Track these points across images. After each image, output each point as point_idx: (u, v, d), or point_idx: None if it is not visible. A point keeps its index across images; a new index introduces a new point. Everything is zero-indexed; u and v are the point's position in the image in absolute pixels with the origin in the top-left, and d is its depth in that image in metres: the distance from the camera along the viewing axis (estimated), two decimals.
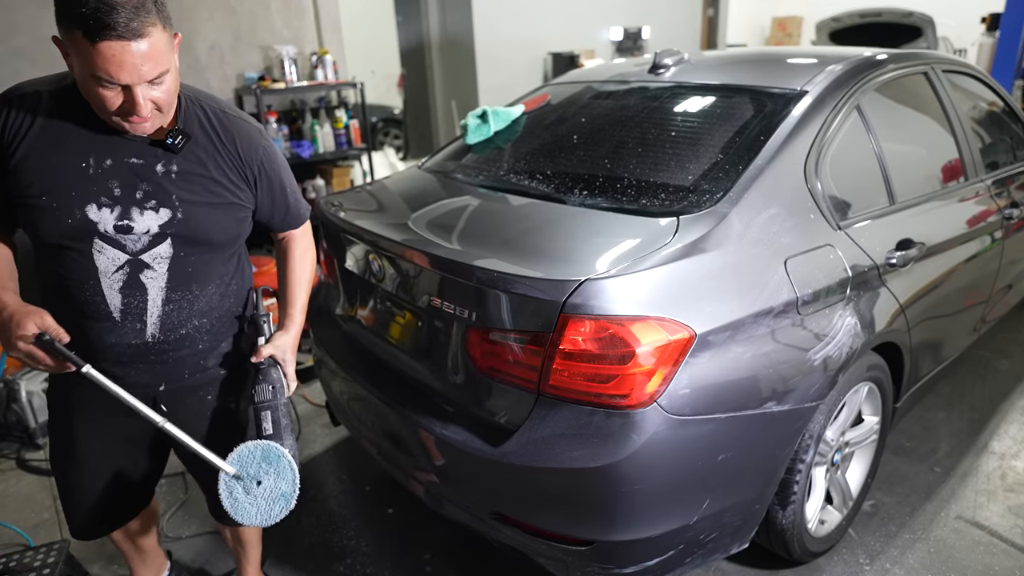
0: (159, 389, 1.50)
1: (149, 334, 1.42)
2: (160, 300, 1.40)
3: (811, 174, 1.84)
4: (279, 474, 1.39)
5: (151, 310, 1.40)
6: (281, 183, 1.54)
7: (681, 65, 2.42)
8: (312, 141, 4.45)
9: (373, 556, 2.20)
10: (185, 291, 1.43)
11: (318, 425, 2.99)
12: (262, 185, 1.49)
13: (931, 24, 7.00)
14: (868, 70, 2.13)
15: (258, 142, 1.47)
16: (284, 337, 1.56)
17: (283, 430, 1.47)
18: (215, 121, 1.41)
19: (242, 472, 1.38)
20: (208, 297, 1.48)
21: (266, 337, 1.55)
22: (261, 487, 1.39)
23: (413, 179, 2.40)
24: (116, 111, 1.20)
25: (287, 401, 1.53)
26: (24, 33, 3.42)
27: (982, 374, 3.16)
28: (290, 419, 1.51)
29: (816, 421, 1.78)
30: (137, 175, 1.32)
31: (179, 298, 1.42)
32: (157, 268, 1.38)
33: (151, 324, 1.41)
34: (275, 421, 1.47)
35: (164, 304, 1.41)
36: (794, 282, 1.66)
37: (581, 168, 2.06)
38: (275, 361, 1.54)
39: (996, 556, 2.08)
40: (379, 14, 8.92)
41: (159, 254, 1.37)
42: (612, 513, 1.51)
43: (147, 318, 1.40)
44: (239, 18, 4.18)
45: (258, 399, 1.48)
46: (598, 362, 1.45)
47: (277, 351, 1.53)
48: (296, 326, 1.60)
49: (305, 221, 1.66)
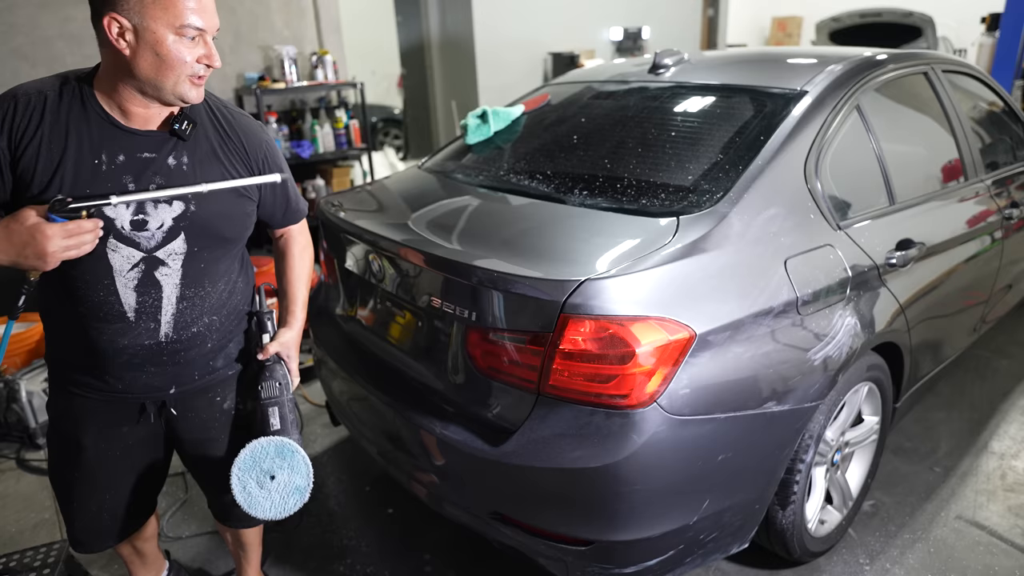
0: (169, 392, 1.49)
1: (163, 334, 1.41)
2: (175, 297, 1.40)
3: (811, 174, 1.84)
4: (293, 468, 1.42)
5: (165, 308, 1.40)
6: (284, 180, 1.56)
7: (681, 65, 2.42)
8: (312, 141, 4.45)
9: (373, 556, 2.20)
10: (199, 287, 1.43)
11: (318, 425, 2.98)
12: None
13: (931, 24, 7.01)
14: (868, 70, 2.13)
15: (261, 137, 1.50)
16: (288, 334, 1.59)
17: (290, 425, 1.49)
18: (219, 114, 1.43)
19: (256, 468, 1.41)
20: (219, 294, 1.48)
21: (271, 334, 1.57)
22: (275, 481, 1.41)
23: (413, 179, 2.41)
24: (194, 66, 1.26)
25: (292, 397, 1.55)
26: (24, 33, 3.42)
27: (982, 374, 3.16)
28: (296, 414, 1.53)
29: (816, 421, 1.78)
30: (149, 169, 1.32)
31: (192, 295, 1.42)
32: (172, 264, 1.38)
33: (164, 323, 1.41)
34: (282, 417, 1.49)
35: (179, 302, 1.41)
36: (794, 282, 1.66)
37: (581, 168, 2.06)
38: (280, 358, 1.56)
39: (996, 556, 2.08)
40: (379, 14, 8.92)
41: (173, 250, 1.37)
42: (612, 513, 1.51)
43: (161, 317, 1.40)
44: (239, 18, 4.18)
45: (265, 395, 1.50)
46: (598, 362, 1.45)
47: (282, 348, 1.56)
48: (299, 322, 1.62)
49: (303, 217, 1.67)
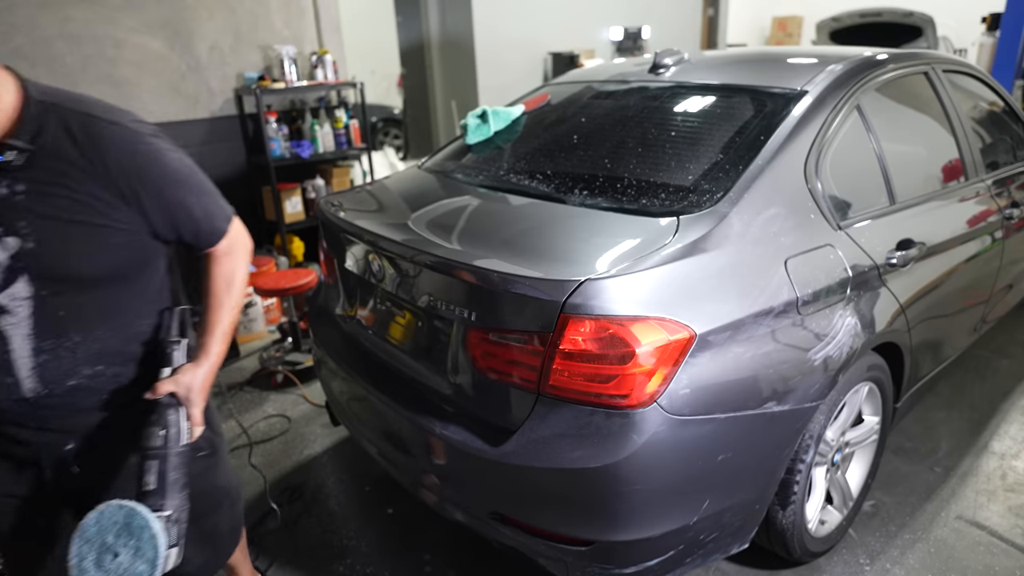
0: (65, 448, 1.30)
1: (27, 389, 1.21)
2: (28, 350, 1.19)
3: (811, 174, 1.83)
4: (138, 551, 1.12)
5: (19, 363, 1.19)
6: (175, 195, 1.27)
7: (681, 65, 2.42)
8: (312, 141, 4.45)
9: (373, 556, 2.20)
10: (61, 339, 1.21)
11: (318, 425, 2.98)
12: (146, 200, 1.23)
13: (931, 24, 7.00)
14: (868, 70, 2.13)
15: (133, 148, 1.22)
16: (193, 371, 1.31)
17: (169, 487, 1.21)
18: (78, 129, 1.18)
19: (99, 540, 1.13)
20: (101, 342, 1.25)
21: (173, 368, 1.31)
22: (116, 562, 1.12)
23: (413, 179, 2.40)
24: None
25: (184, 450, 1.26)
26: (24, 33, 3.42)
27: (982, 374, 3.16)
28: (183, 472, 1.25)
29: (816, 421, 1.78)
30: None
31: (54, 347, 1.20)
32: (17, 312, 1.17)
33: (25, 379, 1.20)
34: (161, 474, 1.21)
35: (36, 355, 1.20)
36: (794, 282, 1.66)
37: (581, 168, 2.06)
38: (177, 400, 1.28)
39: (996, 556, 2.07)
40: (379, 14, 8.92)
41: (15, 295, 1.16)
42: (612, 513, 1.51)
43: (18, 372, 1.20)
44: (239, 18, 4.17)
45: (145, 445, 1.23)
46: (598, 362, 1.45)
47: (179, 387, 1.28)
48: (211, 359, 1.34)
49: (224, 236, 1.37)
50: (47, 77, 3.43)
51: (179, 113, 4.07)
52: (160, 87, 3.96)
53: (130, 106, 4.30)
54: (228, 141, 4.33)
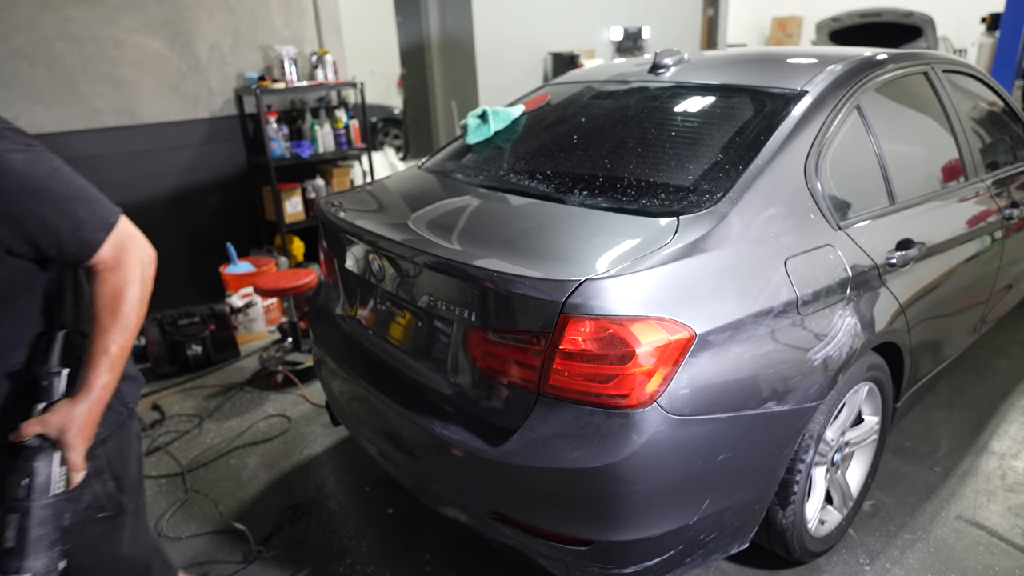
0: None
1: None
2: None
3: (811, 174, 1.84)
4: None
5: None
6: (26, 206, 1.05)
7: (681, 65, 2.42)
8: (312, 141, 4.45)
9: (373, 556, 2.20)
10: None
11: (318, 425, 2.99)
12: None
13: (931, 24, 7.01)
14: (868, 70, 2.13)
15: None
16: (68, 409, 1.10)
17: (30, 545, 1.03)
18: None
19: None
20: None
21: (47, 404, 1.12)
22: None
23: (413, 179, 2.40)
24: None
25: (53, 502, 1.08)
26: (24, 33, 3.42)
27: (982, 374, 3.16)
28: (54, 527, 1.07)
29: (816, 421, 1.78)
30: None
31: None
32: None
33: None
34: (21, 530, 1.04)
35: None
36: (794, 282, 1.66)
37: (581, 168, 2.06)
38: (48, 442, 1.09)
39: (996, 556, 2.08)
40: (379, 14, 8.92)
41: None
42: (612, 513, 1.51)
43: None
44: (239, 18, 4.18)
45: (5, 495, 1.06)
46: (598, 362, 1.45)
47: (49, 428, 1.09)
48: (92, 393, 1.12)
49: (98, 247, 1.12)
50: (47, 77, 3.43)
51: (179, 113, 4.08)
52: (160, 87, 3.96)
53: (130, 106, 4.29)
54: (228, 141, 4.33)
